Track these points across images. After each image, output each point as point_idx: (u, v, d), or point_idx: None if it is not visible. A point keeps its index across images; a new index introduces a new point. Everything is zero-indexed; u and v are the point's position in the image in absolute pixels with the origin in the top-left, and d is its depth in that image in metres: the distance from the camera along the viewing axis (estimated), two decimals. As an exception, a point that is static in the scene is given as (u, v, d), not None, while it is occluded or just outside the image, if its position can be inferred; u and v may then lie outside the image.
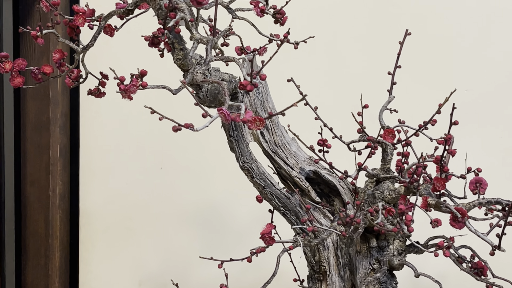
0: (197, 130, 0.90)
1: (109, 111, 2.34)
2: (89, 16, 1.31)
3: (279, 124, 1.38)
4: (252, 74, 0.97)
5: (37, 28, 1.24)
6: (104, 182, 2.39)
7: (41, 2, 1.24)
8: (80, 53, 1.30)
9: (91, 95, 1.39)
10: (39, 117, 2.33)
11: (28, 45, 2.30)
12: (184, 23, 1.15)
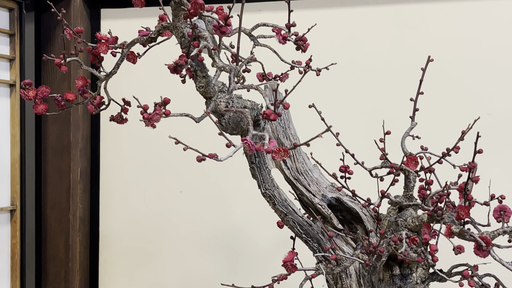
0: (221, 160, 0.90)
1: (129, 135, 2.35)
2: (112, 43, 1.31)
3: (301, 150, 1.38)
4: (275, 104, 0.96)
5: (60, 56, 1.24)
6: (124, 206, 2.39)
7: (65, 30, 1.24)
8: (103, 80, 1.30)
9: (113, 121, 1.40)
10: (60, 140, 2.34)
11: (49, 69, 2.31)
12: (207, 51, 1.16)
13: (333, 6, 2.15)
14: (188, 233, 2.32)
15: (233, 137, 1.30)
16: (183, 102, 1.68)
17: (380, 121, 1.46)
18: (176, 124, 1.61)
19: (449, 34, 2.04)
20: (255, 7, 2.21)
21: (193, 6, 1.01)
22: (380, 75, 2.10)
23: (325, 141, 1.43)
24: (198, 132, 1.66)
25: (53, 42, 2.33)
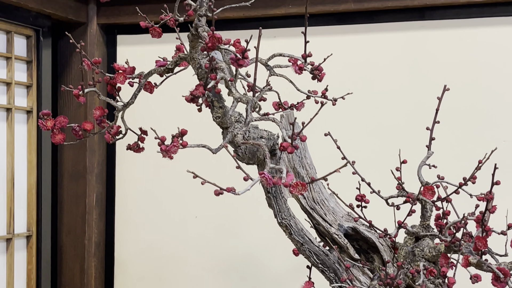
0: (239, 194, 0.90)
1: (145, 160, 2.36)
2: (130, 74, 1.33)
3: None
4: (292, 136, 0.97)
5: (79, 87, 1.26)
6: (139, 231, 2.40)
7: (83, 61, 1.26)
8: (121, 110, 1.31)
9: (130, 150, 1.41)
10: (76, 166, 2.36)
11: (66, 95, 2.34)
12: (224, 82, 1.16)
13: (348, 32, 2.16)
14: (203, 259, 2.32)
15: (250, 167, 1.31)
16: (199, 129, 1.69)
17: (396, 149, 1.46)
18: (191, 149, 1.62)
19: (465, 61, 2.04)
20: (270, 33, 2.22)
21: (211, 40, 1.02)
22: (396, 103, 2.10)
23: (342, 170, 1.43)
24: (213, 156, 1.66)
25: (70, 68, 2.35)
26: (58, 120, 1.29)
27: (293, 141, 0.99)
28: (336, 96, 1.39)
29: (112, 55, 2.43)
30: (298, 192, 0.92)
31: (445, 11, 2.05)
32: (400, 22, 2.10)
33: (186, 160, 1.79)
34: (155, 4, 2.28)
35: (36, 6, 2.10)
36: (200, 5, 1.14)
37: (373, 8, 2.09)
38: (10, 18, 2.07)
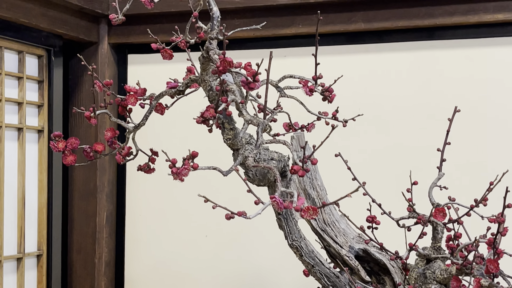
0: (250, 218, 0.90)
1: (155, 179, 2.36)
2: (141, 95, 1.33)
3: (327, 201, 1.38)
4: (303, 160, 0.97)
5: (90, 109, 1.26)
6: (149, 250, 2.39)
7: (95, 83, 1.27)
8: (132, 132, 1.32)
9: (141, 171, 1.41)
10: (86, 185, 2.36)
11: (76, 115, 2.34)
12: (235, 104, 1.17)
13: (358, 52, 2.16)
14: (213, 278, 2.31)
15: (260, 189, 1.31)
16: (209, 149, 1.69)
17: (407, 170, 1.46)
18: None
19: (476, 80, 2.04)
20: (280, 53, 2.23)
21: (222, 64, 1.03)
22: (406, 124, 2.10)
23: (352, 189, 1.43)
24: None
25: (81, 88, 2.36)
26: (69, 141, 1.30)
27: (304, 164, 0.99)
28: (346, 117, 1.39)
29: (123, 74, 2.44)
30: (310, 217, 0.92)
31: (455, 31, 2.05)
32: (410, 41, 2.11)
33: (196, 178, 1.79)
34: (165, 23, 2.30)
35: (47, 26, 2.12)
36: (211, 28, 1.15)
37: (383, 28, 2.10)
38: (21, 38, 2.08)
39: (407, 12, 2.06)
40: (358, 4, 2.10)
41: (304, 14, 2.17)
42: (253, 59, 2.19)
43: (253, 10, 2.21)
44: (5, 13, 1.94)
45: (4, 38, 2.03)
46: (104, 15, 2.31)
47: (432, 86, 2.08)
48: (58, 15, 2.16)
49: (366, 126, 2.10)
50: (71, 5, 2.15)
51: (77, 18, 2.25)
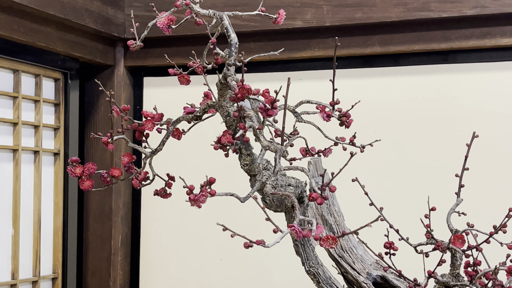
0: (268, 247, 0.89)
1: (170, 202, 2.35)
2: (158, 120, 1.33)
3: (345, 227, 1.37)
4: (322, 187, 0.96)
5: (108, 134, 1.26)
6: (164, 273, 2.39)
7: (112, 109, 1.27)
8: (148, 157, 1.31)
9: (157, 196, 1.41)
10: (101, 207, 2.36)
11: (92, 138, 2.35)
12: (252, 130, 1.16)
13: (374, 75, 2.16)
14: (228, 302, 2.30)
15: (278, 214, 1.30)
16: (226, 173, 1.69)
17: (424, 195, 1.45)
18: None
19: (493, 104, 2.03)
20: (296, 76, 2.23)
21: (240, 91, 1.03)
22: (424, 148, 2.09)
23: (370, 215, 1.42)
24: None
25: (97, 110, 2.37)
26: (86, 166, 1.29)
27: (322, 192, 0.98)
28: (362, 141, 1.38)
29: (139, 97, 2.45)
30: (329, 246, 0.91)
31: (471, 54, 2.05)
32: (427, 65, 2.10)
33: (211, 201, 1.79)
34: (182, 47, 2.31)
35: (64, 49, 2.13)
36: (229, 55, 1.15)
37: (399, 51, 2.10)
38: (39, 61, 2.10)
39: (423, 36, 2.06)
40: (374, 27, 2.10)
41: (320, 37, 2.17)
42: (269, 82, 2.20)
43: (269, 34, 2.21)
44: (23, 37, 1.95)
45: (21, 62, 2.04)
46: (121, 38, 2.33)
47: (449, 110, 2.07)
48: (75, 39, 2.17)
49: (383, 150, 2.09)
50: (88, 29, 2.17)
51: (93, 41, 2.26)
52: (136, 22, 1.26)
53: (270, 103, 1.05)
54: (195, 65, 1.33)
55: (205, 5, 1.28)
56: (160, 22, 1.22)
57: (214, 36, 1.23)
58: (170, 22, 1.24)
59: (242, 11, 2.19)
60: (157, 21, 1.21)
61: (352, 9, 2.08)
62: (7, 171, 2.02)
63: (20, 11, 1.92)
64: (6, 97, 2.02)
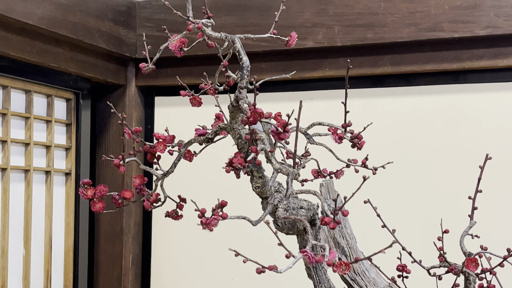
0: (281, 272, 0.89)
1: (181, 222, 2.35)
2: (169, 142, 1.33)
3: (357, 250, 1.36)
4: (335, 212, 0.96)
5: (119, 156, 1.26)
6: (175, 293, 2.38)
7: (124, 131, 1.27)
8: (160, 179, 1.31)
9: (169, 217, 1.40)
10: (112, 227, 2.36)
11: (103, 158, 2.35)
12: (264, 153, 1.16)
13: (385, 95, 2.15)
14: (239, 323, 2.29)
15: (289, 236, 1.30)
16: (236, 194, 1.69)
17: (437, 217, 1.44)
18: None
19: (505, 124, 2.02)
20: (307, 96, 2.23)
21: (252, 115, 1.03)
22: (436, 169, 2.08)
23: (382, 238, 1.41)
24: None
25: (108, 130, 2.38)
26: (98, 189, 1.29)
27: (335, 216, 0.98)
28: (374, 162, 1.37)
29: (150, 116, 2.45)
30: (342, 272, 0.91)
31: (483, 74, 2.04)
32: (438, 85, 2.10)
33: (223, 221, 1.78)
34: (193, 66, 2.32)
35: (76, 70, 2.14)
36: (241, 78, 1.15)
37: (411, 71, 2.09)
38: (51, 82, 2.11)
39: (434, 56, 2.06)
40: (385, 47, 2.10)
41: (331, 57, 2.17)
42: (280, 101, 2.21)
43: (280, 54, 2.21)
44: (35, 58, 1.96)
45: (33, 83, 2.05)
46: (132, 58, 2.34)
47: (461, 130, 2.06)
48: (87, 59, 2.18)
49: (395, 171, 2.08)
50: (100, 49, 2.18)
51: (105, 61, 2.27)
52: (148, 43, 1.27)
53: (282, 126, 1.04)
54: (207, 87, 1.33)
55: (216, 24, 1.29)
56: (172, 45, 1.22)
57: (225, 58, 1.23)
58: (182, 45, 1.24)
59: (253, 31, 2.21)
60: (169, 44, 1.21)
61: (364, 29, 2.08)
62: (18, 192, 2.02)
63: (32, 32, 1.93)
64: (18, 117, 2.02)
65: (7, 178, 1.95)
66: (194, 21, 1.15)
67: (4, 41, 1.86)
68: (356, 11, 2.09)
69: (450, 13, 1.99)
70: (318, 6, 2.13)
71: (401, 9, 2.04)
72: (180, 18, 1.21)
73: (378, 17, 2.07)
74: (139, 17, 2.33)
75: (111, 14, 2.19)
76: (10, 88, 1.97)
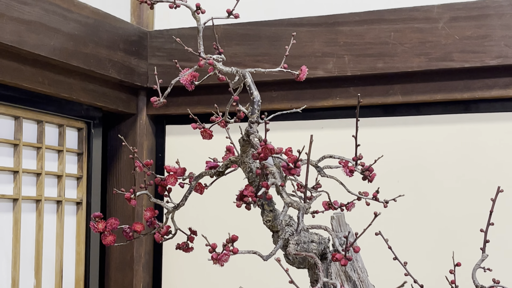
0: (292, 310, 0.88)
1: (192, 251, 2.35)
2: (180, 175, 1.33)
3: (369, 284, 1.35)
4: (346, 248, 0.95)
5: (130, 190, 1.27)
6: (185, 323, 2.37)
7: (135, 164, 1.27)
8: (171, 212, 1.31)
9: (179, 250, 1.41)
10: (123, 256, 2.36)
11: (114, 187, 2.36)
12: (275, 187, 1.16)
13: (396, 124, 2.15)
14: None
15: (300, 271, 1.29)
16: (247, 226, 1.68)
17: (449, 249, 1.44)
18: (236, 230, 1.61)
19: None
20: (317, 124, 2.23)
21: (263, 151, 1.03)
22: (447, 199, 2.07)
23: (394, 271, 1.41)
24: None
25: (119, 159, 2.38)
26: (109, 222, 1.30)
27: (346, 253, 0.97)
28: (385, 192, 1.37)
29: (161, 145, 2.46)
30: (353, 310, 0.90)
31: (494, 104, 2.04)
32: (449, 114, 2.09)
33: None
34: (203, 95, 2.32)
35: (88, 100, 2.15)
36: (252, 112, 1.15)
37: (421, 100, 2.09)
38: (62, 112, 2.12)
39: (445, 85, 2.06)
40: (396, 77, 2.10)
41: (341, 86, 2.18)
42: (290, 130, 2.21)
43: (290, 83, 2.22)
44: (47, 89, 1.98)
45: (45, 113, 2.06)
46: (143, 87, 2.35)
47: (472, 160, 2.05)
48: (98, 89, 2.19)
49: (406, 202, 2.07)
50: (111, 79, 2.19)
51: (116, 90, 2.28)
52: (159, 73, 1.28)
53: (293, 162, 1.05)
54: (218, 120, 1.33)
55: (226, 54, 1.29)
56: (183, 79, 1.23)
57: (236, 92, 1.23)
58: (193, 79, 1.25)
59: (263, 60, 2.22)
60: (180, 78, 1.22)
61: (374, 58, 2.09)
62: (30, 222, 2.03)
63: (45, 63, 1.94)
64: (30, 147, 2.03)
65: (19, 208, 1.96)
66: (205, 57, 1.16)
67: (17, 72, 1.87)
68: (366, 41, 2.10)
69: (460, 43, 2.00)
70: (328, 36, 2.14)
71: (411, 39, 2.05)
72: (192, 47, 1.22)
73: (388, 46, 2.07)
74: (150, 46, 2.35)
75: (122, 44, 2.20)
76: (22, 119, 1.98)
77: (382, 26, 2.08)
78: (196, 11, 1.20)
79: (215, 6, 2.12)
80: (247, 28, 2.23)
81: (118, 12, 2.28)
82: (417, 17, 2.05)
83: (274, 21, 2.21)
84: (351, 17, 2.12)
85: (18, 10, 1.79)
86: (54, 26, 1.91)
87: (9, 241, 1.95)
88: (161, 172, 2.38)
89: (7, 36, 1.76)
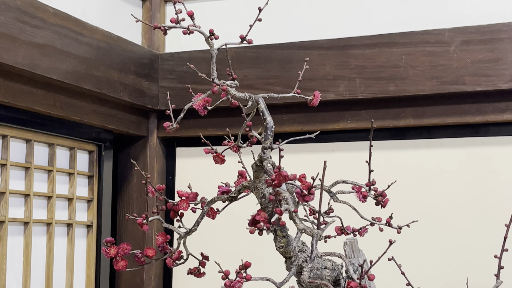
0: None
1: (202, 274, 2.34)
2: (192, 200, 1.33)
3: (382, 310, 1.34)
4: (361, 277, 0.95)
5: (143, 215, 1.26)
6: None
7: (148, 192, 1.27)
8: (183, 237, 1.31)
9: (191, 275, 1.40)
10: (133, 279, 2.35)
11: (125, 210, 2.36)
12: (288, 213, 1.15)
13: (407, 147, 2.15)
14: None
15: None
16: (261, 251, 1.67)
17: (462, 275, 1.43)
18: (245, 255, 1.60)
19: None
20: (328, 147, 2.23)
21: (277, 178, 1.02)
22: (460, 224, 2.05)
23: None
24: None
25: (130, 181, 2.39)
26: (121, 247, 1.29)
27: (361, 281, 0.97)
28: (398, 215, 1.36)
29: (171, 167, 2.45)
30: None
31: (506, 127, 2.03)
32: (461, 137, 2.09)
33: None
34: (215, 118, 2.32)
35: (99, 122, 2.15)
36: (265, 138, 1.15)
37: (433, 124, 2.09)
38: (73, 135, 2.12)
39: (457, 109, 2.05)
40: (407, 100, 2.10)
41: (353, 109, 2.17)
42: (301, 153, 2.20)
43: (302, 106, 2.21)
44: (59, 112, 1.98)
45: (56, 136, 2.06)
46: (154, 110, 2.35)
47: (485, 184, 2.04)
48: (109, 111, 2.20)
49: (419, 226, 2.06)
50: (123, 101, 2.19)
51: (127, 113, 2.29)
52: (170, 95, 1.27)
53: (307, 189, 1.04)
54: (230, 145, 1.33)
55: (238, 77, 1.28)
56: (196, 104, 1.23)
57: (249, 118, 1.23)
58: (205, 104, 1.25)
59: (274, 83, 2.22)
60: (193, 103, 1.22)
61: (385, 82, 2.08)
62: (40, 245, 2.02)
63: (57, 86, 1.95)
64: (42, 170, 2.03)
65: (29, 231, 1.95)
66: (219, 83, 1.16)
67: (29, 96, 1.88)
68: (378, 64, 2.10)
69: (472, 67, 1.99)
70: (340, 59, 2.14)
71: (422, 62, 2.05)
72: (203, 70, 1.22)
73: (399, 70, 2.07)
74: (161, 69, 2.35)
75: (134, 67, 2.21)
76: (33, 142, 1.98)
77: (394, 49, 2.08)
78: (210, 37, 1.20)
79: (227, 29, 2.13)
80: (258, 51, 2.23)
81: (130, 35, 2.29)
82: (429, 40, 2.05)
83: (285, 44, 2.21)
84: (362, 40, 2.12)
85: (31, 34, 1.80)
86: (66, 49, 1.92)
87: (20, 265, 1.95)
88: (172, 194, 2.38)
89: (20, 60, 1.77)
